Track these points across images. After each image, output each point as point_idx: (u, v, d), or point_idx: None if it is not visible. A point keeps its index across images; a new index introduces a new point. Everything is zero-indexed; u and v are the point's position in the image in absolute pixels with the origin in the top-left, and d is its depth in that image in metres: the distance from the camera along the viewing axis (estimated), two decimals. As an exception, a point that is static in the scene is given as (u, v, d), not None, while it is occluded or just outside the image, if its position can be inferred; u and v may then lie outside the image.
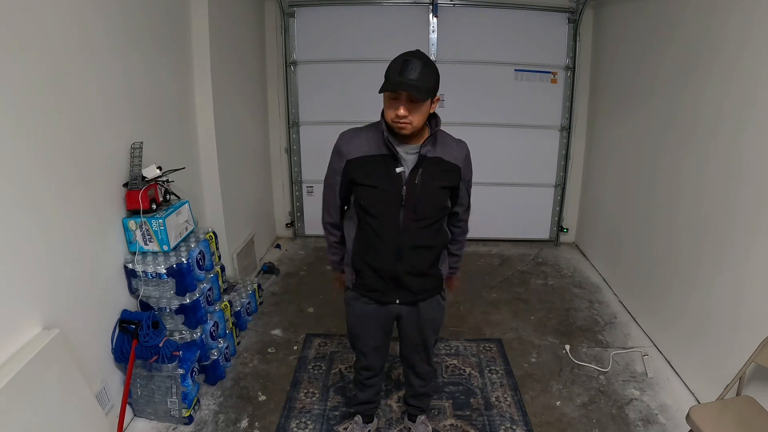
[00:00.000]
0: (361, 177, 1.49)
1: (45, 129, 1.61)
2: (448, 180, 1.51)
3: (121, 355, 1.96)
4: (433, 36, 3.71)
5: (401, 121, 1.38)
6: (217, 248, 2.47)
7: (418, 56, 1.35)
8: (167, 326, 2.15)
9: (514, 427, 2.10)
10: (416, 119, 1.39)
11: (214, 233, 2.43)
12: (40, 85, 1.58)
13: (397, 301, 1.64)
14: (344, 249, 1.67)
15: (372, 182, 1.48)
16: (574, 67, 3.76)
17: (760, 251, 1.90)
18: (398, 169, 1.46)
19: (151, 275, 2.05)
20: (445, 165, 1.49)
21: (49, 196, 1.64)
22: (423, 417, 2.06)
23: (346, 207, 1.65)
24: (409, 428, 2.07)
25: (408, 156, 1.47)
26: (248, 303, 2.87)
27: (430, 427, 2.07)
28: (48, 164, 1.63)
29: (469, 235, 1.83)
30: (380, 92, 1.39)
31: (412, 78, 1.32)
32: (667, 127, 2.63)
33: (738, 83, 2.05)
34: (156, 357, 1.94)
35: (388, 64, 1.39)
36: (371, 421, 2.06)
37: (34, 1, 1.54)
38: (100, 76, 1.89)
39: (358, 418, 2.05)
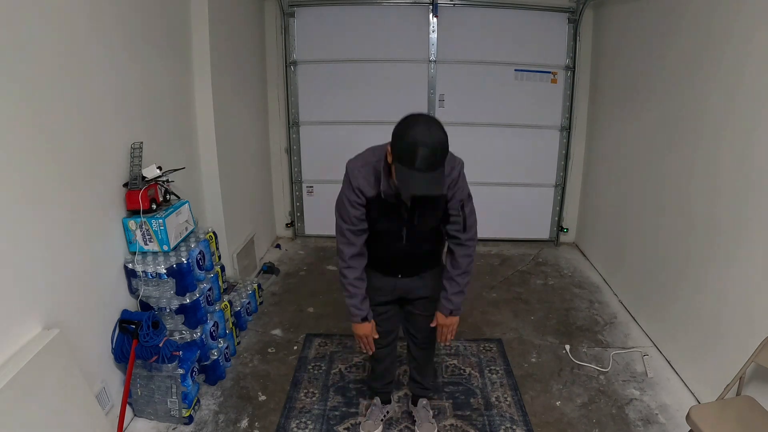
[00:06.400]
0: (371, 215, 1.59)
1: (45, 130, 1.61)
2: (440, 207, 1.60)
3: (121, 355, 1.96)
4: (433, 36, 3.71)
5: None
6: (217, 248, 2.47)
7: (430, 144, 1.31)
8: (167, 326, 2.15)
9: (514, 427, 2.10)
10: None
11: (214, 233, 2.43)
12: (40, 86, 1.58)
13: (399, 276, 1.76)
14: (365, 282, 1.68)
15: (378, 222, 1.60)
16: (574, 67, 3.76)
17: (761, 250, 1.90)
18: (398, 207, 1.56)
19: (151, 275, 2.05)
20: (436, 198, 1.54)
21: (49, 196, 1.64)
22: (425, 401, 2.10)
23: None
24: (412, 415, 2.09)
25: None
26: (248, 303, 2.87)
27: (431, 412, 2.09)
28: (48, 164, 1.63)
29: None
30: (402, 198, 1.48)
31: (429, 190, 1.35)
32: (668, 127, 2.63)
33: (741, 82, 2.04)
34: (156, 357, 1.95)
35: (398, 130, 1.37)
36: (389, 402, 2.13)
37: (34, 3, 1.54)
38: (99, 76, 1.90)
39: (377, 400, 2.09)
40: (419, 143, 1.31)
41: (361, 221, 1.59)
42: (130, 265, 2.04)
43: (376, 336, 1.76)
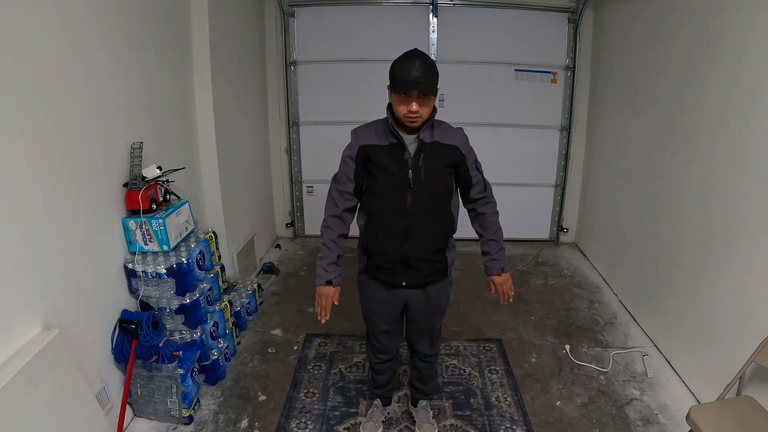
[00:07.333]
0: (372, 160, 1.60)
1: (45, 129, 1.61)
2: (450, 159, 1.62)
3: (121, 355, 1.96)
4: (433, 36, 3.71)
5: (413, 115, 1.51)
6: (217, 248, 2.47)
7: (420, 55, 1.49)
8: (167, 326, 2.15)
9: (514, 427, 2.10)
10: (425, 112, 1.53)
11: (214, 233, 2.43)
12: (40, 87, 1.58)
13: (404, 284, 1.71)
14: (339, 248, 1.69)
15: (382, 167, 1.60)
16: (574, 67, 3.76)
17: (762, 251, 1.90)
18: (405, 155, 1.58)
19: (151, 275, 2.05)
20: (444, 147, 1.61)
21: (49, 196, 1.64)
22: (424, 402, 2.10)
23: (357, 204, 1.70)
24: (412, 415, 2.10)
25: (411, 144, 1.60)
26: (248, 303, 2.87)
27: (431, 412, 2.09)
28: (48, 164, 1.63)
29: (470, 235, 1.84)
30: (394, 92, 1.52)
31: (421, 76, 1.46)
32: (668, 127, 2.63)
33: (740, 83, 2.05)
34: (156, 357, 1.95)
35: (391, 64, 1.53)
36: (389, 404, 2.13)
37: (33, 2, 1.54)
38: (99, 76, 1.90)
39: (378, 402, 2.10)
40: (410, 55, 1.49)
41: (349, 181, 1.64)
42: (130, 265, 2.04)
43: (336, 302, 1.68)
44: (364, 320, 1.89)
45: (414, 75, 1.45)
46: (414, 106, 1.49)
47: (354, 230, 1.71)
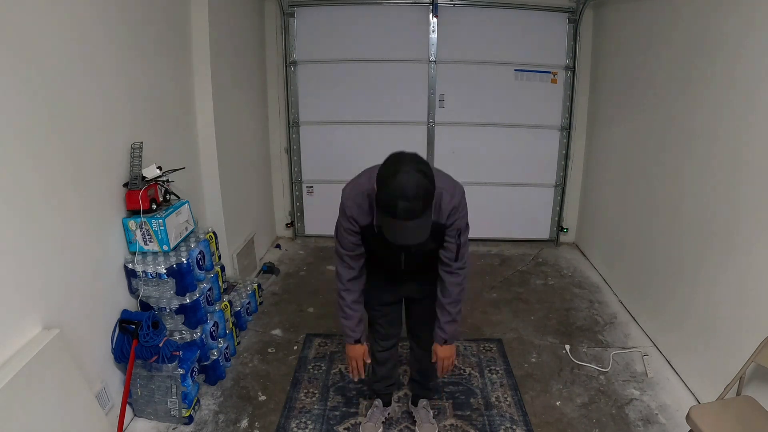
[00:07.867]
0: (364, 234, 1.58)
1: (45, 129, 1.61)
2: (438, 236, 1.56)
3: (121, 355, 1.96)
4: (433, 36, 3.71)
5: None
6: (217, 248, 2.47)
7: (412, 195, 1.26)
8: (167, 326, 2.15)
9: (514, 427, 2.10)
10: None
11: (214, 233, 2.43)
12: (41, 87, 1.58)
13: (402, 292, 1.85)
14: (361, 306, 1.73)
15: (374, 248, 1.63)
16: (574, 67, 3.76)
17: (761, 250, 1.90)
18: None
19: (151, 275, 2.05)
20: (435, 226, 1.48)
21: (49, 196, 1.64)
22: (425, 401, 2.10)
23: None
24: (412, 415, 2.10)
25: None
26: (248, 303, 2.87)
27: (431, 412, 2.09)
28: (47, 164, 1.63)
29: (470, 235, 1.82)
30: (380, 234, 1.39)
31: (413, 235, 1.33)
32: (668, 127, 2.63)
33: (739, 83, 2.05)
34: (156, 357, 1.95)
35: (377, 185, 1.33)
36: (389, 405, 2.13)
37: (33, 2, 1.54)
38: (100, 76, 1.90)
39: (378, 402, 2.10)
40: (399, 196, 1.26)
41: (357, 247, 1.61)
42: (130, 265, 2.04)
43: (368, 360, 1.79)
44: (366, 308, 1.88)
45: (403, 240, 1.33)
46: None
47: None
